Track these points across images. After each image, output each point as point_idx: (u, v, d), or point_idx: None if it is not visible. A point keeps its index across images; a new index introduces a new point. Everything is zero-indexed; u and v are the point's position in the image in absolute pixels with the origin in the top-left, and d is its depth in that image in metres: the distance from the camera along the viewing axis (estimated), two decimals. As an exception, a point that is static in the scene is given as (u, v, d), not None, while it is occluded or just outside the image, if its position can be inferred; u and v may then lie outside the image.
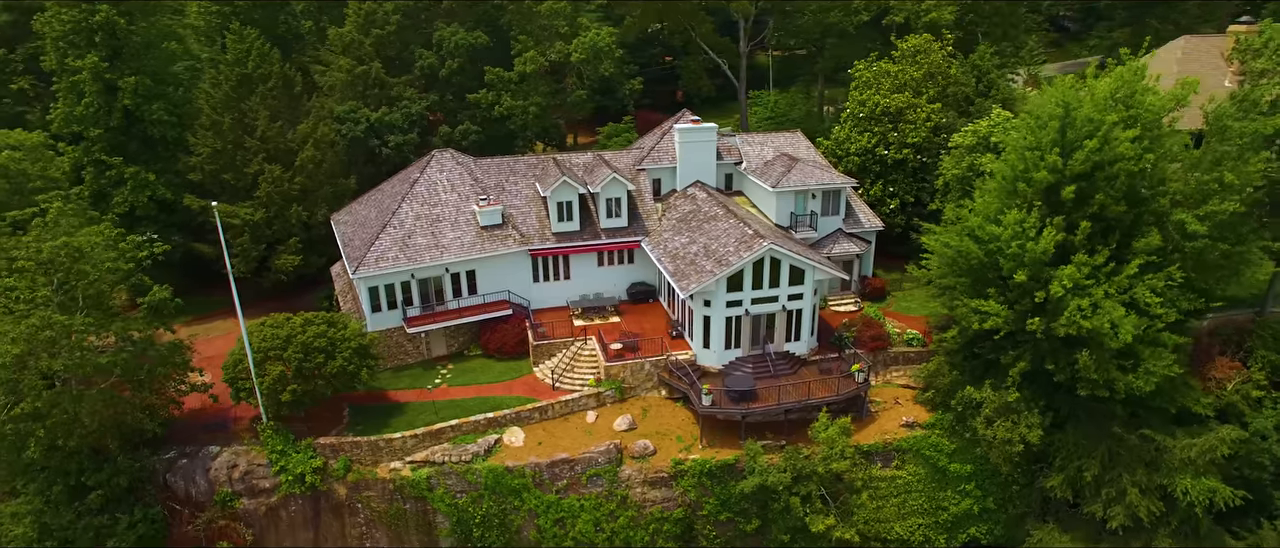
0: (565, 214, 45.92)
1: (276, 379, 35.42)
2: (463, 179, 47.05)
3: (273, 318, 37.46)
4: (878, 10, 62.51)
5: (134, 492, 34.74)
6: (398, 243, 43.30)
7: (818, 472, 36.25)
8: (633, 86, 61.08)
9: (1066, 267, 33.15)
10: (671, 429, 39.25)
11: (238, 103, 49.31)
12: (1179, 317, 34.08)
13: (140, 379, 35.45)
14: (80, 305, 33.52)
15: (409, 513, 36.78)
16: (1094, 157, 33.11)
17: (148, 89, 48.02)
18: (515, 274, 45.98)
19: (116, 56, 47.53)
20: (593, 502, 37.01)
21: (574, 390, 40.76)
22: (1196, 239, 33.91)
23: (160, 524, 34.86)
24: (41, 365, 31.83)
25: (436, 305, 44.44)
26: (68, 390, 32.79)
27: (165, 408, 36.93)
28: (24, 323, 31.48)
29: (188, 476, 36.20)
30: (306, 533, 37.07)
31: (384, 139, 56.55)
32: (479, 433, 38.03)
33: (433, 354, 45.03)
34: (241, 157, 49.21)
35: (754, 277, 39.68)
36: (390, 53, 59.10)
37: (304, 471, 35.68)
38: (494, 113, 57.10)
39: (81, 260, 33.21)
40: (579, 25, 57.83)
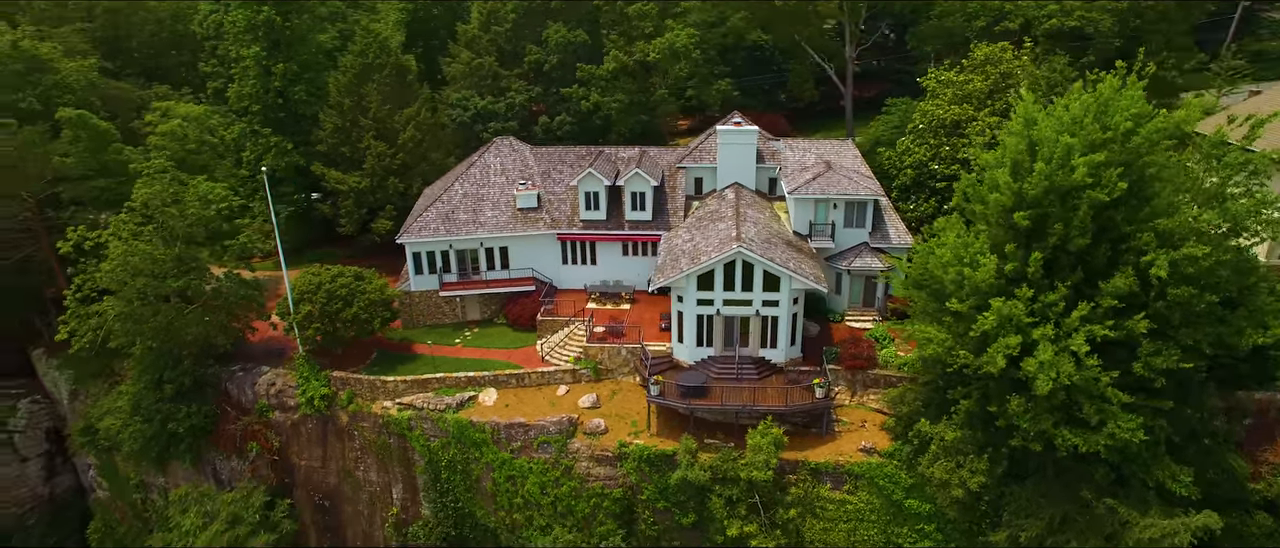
0: (592, 203, 49.28)
1: (304, 318, 43.01)
2: (514, 164, 52.18)
3: (315, 268, 45.25)
4: (994, 15, 57.98)
5: (198, 391, 44.15)
6: (442, 216, 49.47)
7: (739, 477, 36.55)
8: (721, 88, 62.25)
9: (1000, 299, 30.50)
10: (630, 414, 41.37)
11: (357, 88, 58.46)
12: (1147, 374, 29.79)
13: (225, 306, 44.83)
14: (177, 241, 43.20)
15: (393, 447, 42.76)
16: (1046, 182, 30.11)
17: (294, 74, 58.73)
18: (545, 255, 50.29)
19: (275, 47, 58.69)
20: (541, 466, 40.40)
21: (556, 365, 44.25)
22: (1178, 286, 29.43)
23: (211, 419, 44.05)
24: (165, 287, 41.47)
25: (471, 275, 50.08)
26: (176, 306, 42.45)
27: (239, 331, 46.14)
28: (138, 247, 41.59)
29: (241, 386, 45.16)
30: (317, 449, 44.53)
31: (486, 125, 63.41)
32: (460, 389, 43.00)
33: (467, 318, 50.78)
34: (356, 133, 58.36)
35: (726, 278, 40.38)
36: (505, 47, 65.80)
37: (314, 396, 42.98)
38: (581, 107, 61.59)
39: (174, 206, 42.75)
40: (665, 26, 60.25)
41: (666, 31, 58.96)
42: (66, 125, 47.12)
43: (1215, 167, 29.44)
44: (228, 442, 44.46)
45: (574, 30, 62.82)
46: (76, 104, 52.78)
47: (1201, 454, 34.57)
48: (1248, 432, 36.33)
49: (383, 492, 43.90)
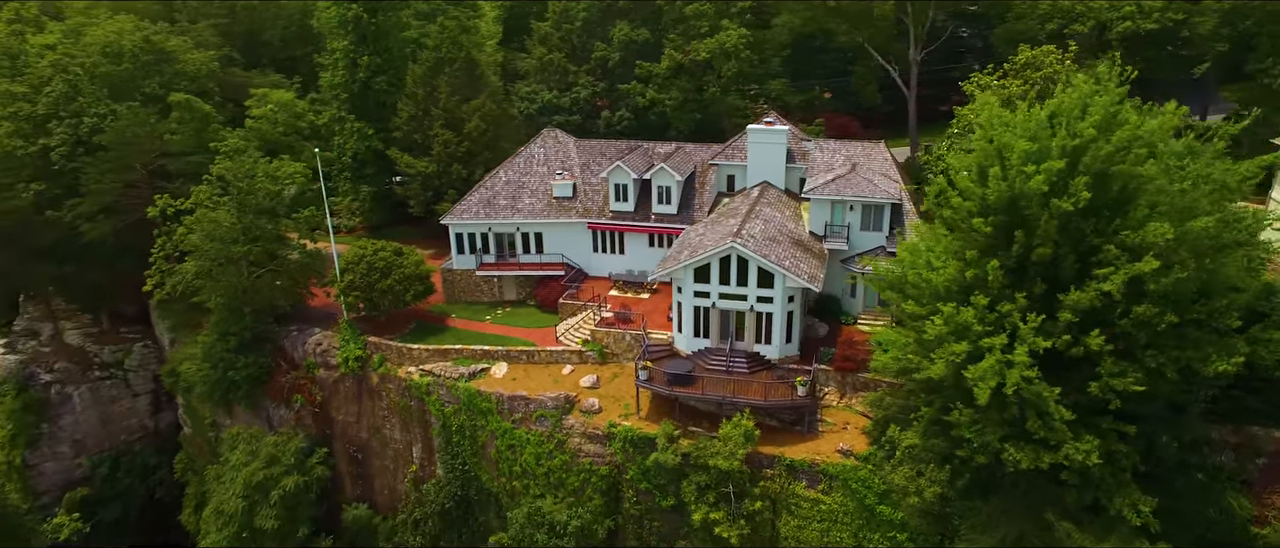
0: (621, 195, 51.53)
1: (346, 286, 47.93)
2: (557, 155, 55.25)
3: (361, 242, 50.10)
4: (1066, 17, 55.19)
5: (257, 345, 50.08)
6: (483, 201, 53.29)
7: (709, 464, 37.73)
8: (776, 88, 62.56)
9: (951, 305, 30.18)
10: (625, 396, 43.32)
11: (430, 79, 63.41)
12: (1102, 395, 28.61)
13: (287, 272, 50.61)
14: (248, 212, 49.20)
15: (414, 409, 46.85)
16: (1006, 188, 29.53)
17: (377, 66, 64.48)
18: (577, 242, 53.05)
19: (362, 41, 64.68)
20: (537, 438, 43.16)
21: (567, 346, 46.85)
22: (1141, 302, 28.10)
23: (266, 371, 49.86)
24: (233, 251, 47.63)
25: (508, 257, 53.59)
26: (244, 268, 48.54)
27: (299, 296, 51.80)
28: (215, 215, 47.92)
29: (294, 343, 50.79)
30: (353, 406, 49.39)
31: (551, 118, 66.95)
32: (475, 360, 46.48)
33: (503, 297, 54.35)
34: (427, 122, 63.33)
35: (722, 273, 41.53)
36: (576, 44, 69.06)
37: (350, 357, 47.80)
38: (638, 103, 63.84)
39: (245, 180, 48.69)
40: (720, 26, 61.19)
41: (722, 31, 59.97)
42: (176, 108, 54.57)
43: (1178, 178, 27.74)
44: (278, 392, 50.18)
45: (638, 29, 65.11)
46: (194, 91, 60.75)
47: (1194, 489, 32.58)
48: (1260, 472, 33.62)
49: (405, 450, 48.15)
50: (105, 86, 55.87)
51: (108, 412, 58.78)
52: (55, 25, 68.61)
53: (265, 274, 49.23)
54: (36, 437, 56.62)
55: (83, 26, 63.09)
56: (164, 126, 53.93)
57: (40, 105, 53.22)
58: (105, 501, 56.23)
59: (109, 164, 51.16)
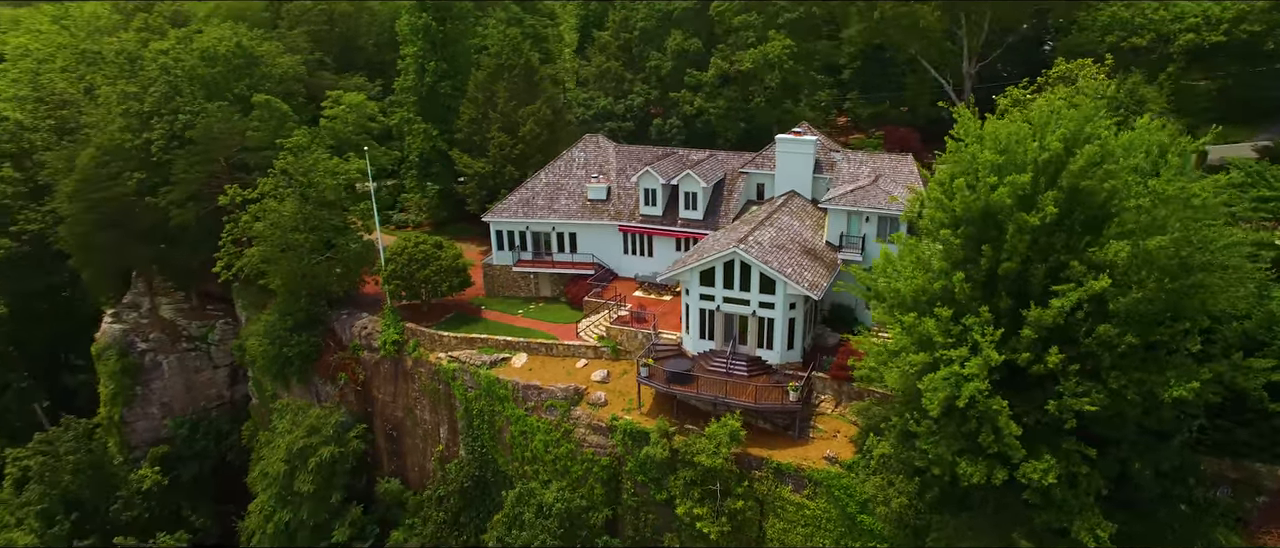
0: (649, 200, 53.66)
1: (389, 274, 52.18)
2: (595, 159, 57.94)
3: (406, 234, 54.26)
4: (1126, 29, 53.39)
5: (310, 325, 55.08)
6: (522, 201, 56.57)
7: (693, 461, 39.30)
8: (822, 98, 62.98)
9: (911, 315, 30.76)
10: (632, 392, 45.34)
11: (490, 84, 67.45)
12: (1059, 415, 28.56)
13: (342, 260, 55.46)
14: (310, 203, 54.27)
15: (441, 392, 50.47)
16: (974, 199, 29.91)
17: (444, 71, 69.16)
18: (609, 244, 55.52)
19: (432, 47, 69.53)
20: (546, 426, 45.84)
21: (584, 341, 49.33)
22: (1104, 321, 27.93)
23: (316, 350, 54.76)
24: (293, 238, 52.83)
25: (543, 255, 56.64)
26: (303, 254, 53.65)
27: (352, 282, 56.51)
28: (285, 204, 53.20)
29: (344, 326, 55.53)
30: (390, 386, 53.57)
31: (604, 124, 69.79)
32: (497, 350, 49.64)
33: (539, 293, 57.40)
34: (485, 125, 67.43)
35: (726, 277, 42.99)
36: (633, 53, 71.70)
37: (388, 340, 51.97)
38: (685, 111, 65.80)
39: (308, 173, 53.74)
40: (767, 36, 62.09)
41: (769, 41, 61.09)
42: (257, 107, 60.67)
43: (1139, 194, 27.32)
44: (326, 370, 54.98)
45: (690, 38, 67.07)
46: (280, 92, 67.14)
47: (1179, 521, 31.73)
48: (1259, 510, 32.25)
49: (433, 430, 51.86)
50: (201, 87, 62.66)
51: (191, 380, 65.72)
52: (175, 32, 77.18)
53: (322, 261, 54.13)
54: (132, 397, 64.05)
55: (193, 34, 70.74)
56: (245, 124, 59.99)
57: (146, 103, 60.35)
58: (184, 459, 62.93)
59: (196, 156, 57.54)
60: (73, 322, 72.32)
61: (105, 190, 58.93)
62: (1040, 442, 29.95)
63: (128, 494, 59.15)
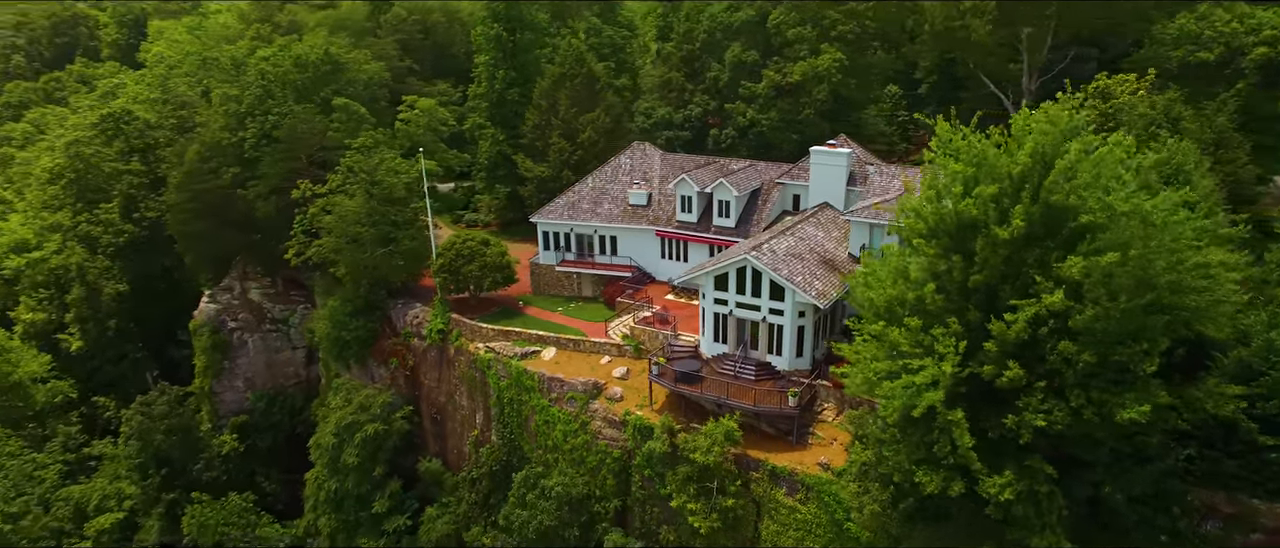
0: (685, 206, 55.82)
1: (438, 268, 56.53)
2: (640, 165, 60.60)
3: (457, 231, 58.49)
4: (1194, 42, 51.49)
5: (368, 312, 60.14)
6: (568, 204, 59.87)
7: (689, 457, 41.15)
8: (877, 111, 63.18)
9: (880, 324, 31.72)
10: (647, 389, 47.60)
11: (554, 92, 71.28)
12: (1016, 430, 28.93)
13: (401, 253, 60.34)
14: (374, 199, 59.41)
15: (478, 380, 54.21)
16: (946, 209, 30.68)
17: (512, 79, 73.65)
18: (647, 248, 58.02)
19: (503, 56, 74.16)
20: (566, 417, 48.71)
21: (611, 339, 51.94)
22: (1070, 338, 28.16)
23: (372, 335, 59.75)
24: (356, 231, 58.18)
25: (586, 256, 59.70)
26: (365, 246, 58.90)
27: (409, 275, 61.30)
28: (356, 200, 58.63)
29: (399, 314, 60.35)
30: (435, 373, 57.84)
31: (662, 132, 72.42)
32: (529, 343, 52.93)
33: (581, 293, 60.48)
34: (547, 131, 71.30)
35: (738, 283, 44.66)
36: (694, 64, 74.02)
37: (434, 329, 56.27)
38: (739, 122, 67.54)
39: (373, 171, 58.88)
40: (820, 49, 62.78)
41: (821, 54, 62.08)
42: (337, 110, 66.76)
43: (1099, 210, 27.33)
44: (380, 354, 59.87)
45: (748, 51, 68.78)
46: (363, 96, 73.35)
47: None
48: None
49: (470, 415, 55.68)
50: (293, 91, 69.40)
51: (272, 359, 72.55)
52: (280, 40, 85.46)
53: (383, 254, 59.07)
54: (220, 370, 71.44)
55: (291, 42, 78.25)
56: (325, 124, 66.09)
57: (244, 105, 67.52)
58: (260, 430, 69.63)
59: (280, 153, 63.96)
60: (182, 301, 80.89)
61: (205, 183, 66.32)
62: (1006, 457, 30.29)
63: (209, 457, 66.14)
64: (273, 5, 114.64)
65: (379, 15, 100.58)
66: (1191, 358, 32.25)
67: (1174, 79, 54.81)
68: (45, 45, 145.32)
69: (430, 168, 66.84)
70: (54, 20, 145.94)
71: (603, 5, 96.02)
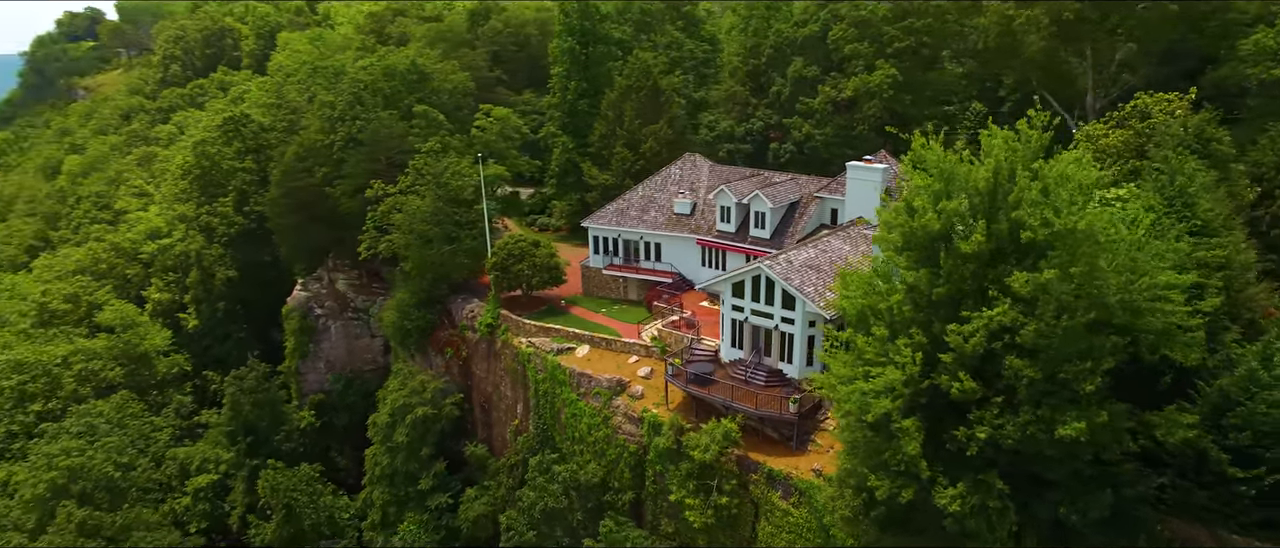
0: (724, 217, 58.17)
1: (492, 266, 61.25)
2: (690, 175, 63.40)
3: (512, 232, 63.07)
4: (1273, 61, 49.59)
5: (429, 304, 65.57)
6: (618, 211, 63.38)
7: (687, 454, 43.56)
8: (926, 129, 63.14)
9: (849, 331, 33.34)
10: (664, 388, 50.25)
11: (620, 104, 75.05)
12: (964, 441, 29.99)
13: (463, 251, 65.61)
14: (440, 200, 64.93)
15: (519, 372, 58.38)
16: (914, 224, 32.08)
17: (583, 90, 78.04)
18: (689, 255, 60.70)
19: (575, 68, 78.67)
20: (590, 411, 52.04)
21: (641, 340, 54.90)
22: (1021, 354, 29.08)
23: (432, 326, 65.08)
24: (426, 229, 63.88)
25: (632, 261, 62.98)
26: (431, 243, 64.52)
27: (470, 272, 66.42)
28: (426, 200, 64.42)
29: (456, 308, 65.51)
30: (485, 364, 62.49)
31: (723, 145, 74.89)
32: (566, 340, 56.62)
33: (627, 296, 63.75)
34: (612, 140, 75.13)
35: (753, 291, 46.77)
36: (761, 79, 76.13)
37: (483, 323, 60.95)
38: (795, 137, 69.18)
39: (439, 174, 64.40)
40: (876, 65, 63.37)
41: (875, 70, 63.03)
42: (417, 116, 73.05)
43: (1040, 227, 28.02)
44: (437, 344, 65.11)
45: (809, 66, 70.35)
46: (445, 105, 79.60)
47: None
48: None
49: (512, 405, 59.91)
50: (382, 98, 76.33)
51: (352, 345, 79.62)
52: (382, 49, 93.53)
53: (448, 251, 64.44)
54: (306, 352, 79.13)
55: (388, 52, 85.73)
56: (406, 128, 72.40)
57: (337, 110, 74.93)
58: (337, 409, 76.62)
59: (363, 156, 70.66)
60: (283, 288, 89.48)
61: (299, 181, 74.02)
62: (967, 471, 31.23)
63: (289, 429, 73.51)
64: (385, 17, 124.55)
65: (477, 28, 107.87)
66: (1176, 385, 32.06)
67: (1253, 97, 52.92)
68: (197, 55, 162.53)
69: (501, 173, 71.96)
70: (205, 32, 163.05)
71: (687, 20, 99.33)
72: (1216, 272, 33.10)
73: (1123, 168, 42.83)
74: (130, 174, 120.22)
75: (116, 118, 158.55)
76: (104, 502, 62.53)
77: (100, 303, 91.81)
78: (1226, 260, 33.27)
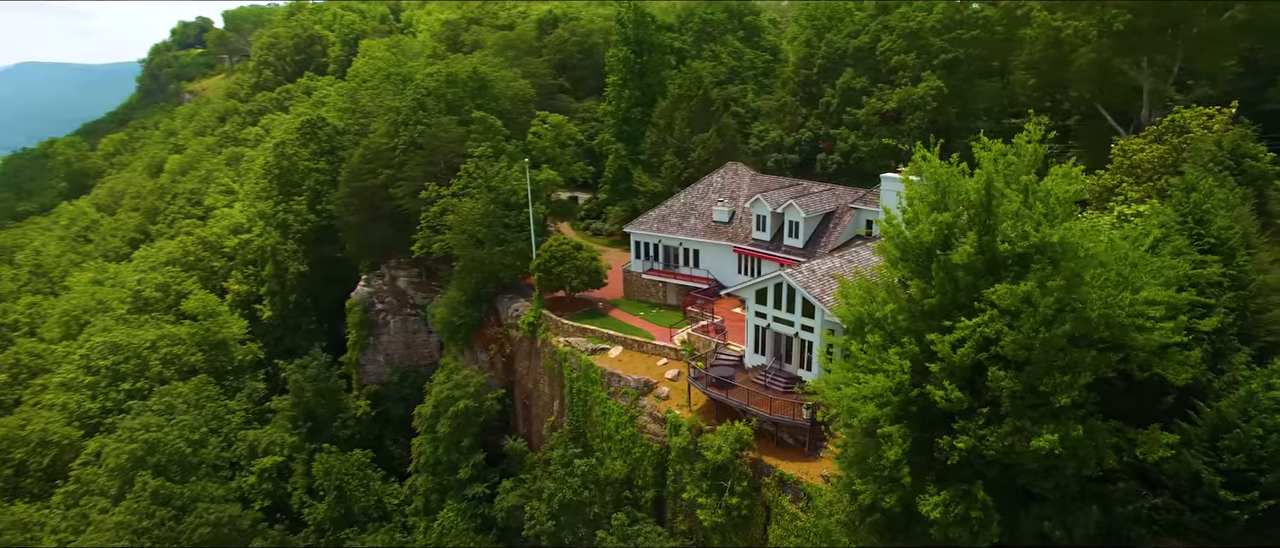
0: (760, 225, 59.42)
1: (536, 267, 64.09)
2: (731, 184, 64.89)
3: (557, 236, 65.81)
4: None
5: (477, 302, 68.87)
6: (659, 218, 65.37)
7: (702, 454, 45.08)
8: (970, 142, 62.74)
9: (845, 337, 34.39)
10: (687, 390, 51.87)
11: (671, 112, 77.05)
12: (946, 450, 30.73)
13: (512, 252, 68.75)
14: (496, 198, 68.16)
15: (556, 370, 60.91)
16: (909, 234, 33.01)
17: (636, 98, 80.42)
18: (725, 263, 62.16)
19: (630, 77, 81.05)
20: (619, 410, 54.08)
21: (671, 344, 56.63)
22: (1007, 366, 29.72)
23: (478, 323, 68.39)
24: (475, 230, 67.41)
25: (672, 267, 64.81)
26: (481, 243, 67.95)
27: (520, 272, 69.50)
28: (480, 202, 67.92)
29: (503, 307, 68.62)
30: (526, 362, 65.30)
31: (771, 155, 75.97)
32: (600, 341, 58.83)
33: (666, 300, 65.63)
34: (663, 148, 77.15)
35: (775, 298, 48.00)
36: (812, 90, 76.92)
37: (525, 322, 63.77)
38: (842, 148, 69.75)
39: (489, 178, 67.70)
40: (923, 77, 63.22)
41: (921, 82, 63.16)
42: (475, 122, 76.78)
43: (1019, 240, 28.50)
44: (483, 341, 68.30)
45: (857, 77, 70.84)
46: (509, 111, 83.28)
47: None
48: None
49: (549, 402, 62.48)
50: (444, 104, 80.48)
51: (410, 339, 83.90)
52: (452, 57, 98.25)
53: (498, 252, 67.67)
54: (366, 345, 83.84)
55: (455, 59, 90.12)
56: (464, 133, 76.18)
57: (402, 114, 79.40)
58: (392, 400, 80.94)
59: (423, 159, 74.72)
60: (349, 283, 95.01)
61: (364, 181, 78.72)
62: (956, 481, 31.88)
63: (346, 417, 78.10)
64: (460, 25, 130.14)
65: (544, 36, 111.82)
66: (1178, 405, 31.91)
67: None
68: (288, 61, 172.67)
69: (553, 178, 75.02)
70: (296, 39, 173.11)
71: (749, 30, 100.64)
72: (1228, 291, 32.78)
73: (1155, 184, 42.32)
74: (219, 173, 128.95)
75: (213, 120, 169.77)
76: (176, 474, 67.99)
77: (186, 292, 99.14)
78: (1239, 280, 32.85)
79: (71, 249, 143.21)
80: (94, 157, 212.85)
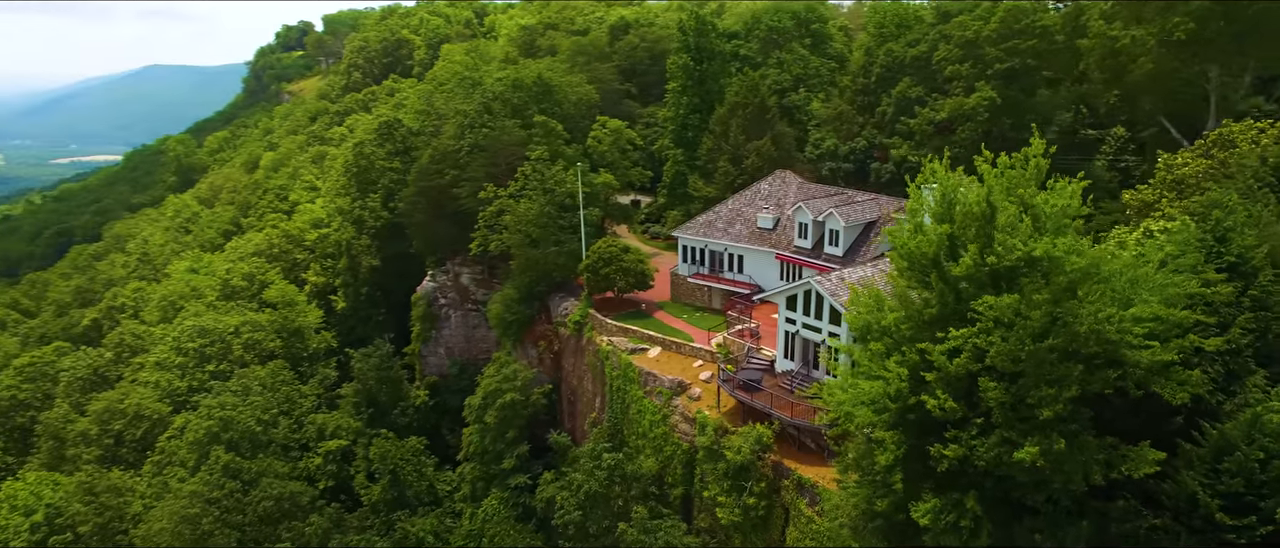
0: (802, 233, 60.45)
1: (585, 268, 66.72)
2: (778, 191, 66.06)
3: (608, 238, 68.27)
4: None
5: (530, 300, 71.96)
6: (705, 223, 67.08)
7: (723, 454, 46.62)
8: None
9: (851, 345, 35.51)
10: (716, 392, 53.41)
11: (727, 119, 78.57)
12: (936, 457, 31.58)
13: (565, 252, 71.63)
14: (552, 200, 71.22)
15: (598, 368, 63.34)
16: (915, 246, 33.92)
17: (695, 105, 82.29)
18: (768, 268, 63.41)
19: (689, 83, 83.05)
20: (652, 408, 56.08)
21: (708, 346, 58.26)
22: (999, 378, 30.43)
23: (529, 320, 71.51)
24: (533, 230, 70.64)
25: (717, 271, 66.40)
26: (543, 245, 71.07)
27: (572, 272, 72.29)
28: (538, 203, 71.15)
29: (554, 305, 71.51)
30: (572, 359, 67.95)
31: (827, 164, 76.61)
32: (641, 341, 60.94)
33: (711, 304, 67.24)
34: (718, 154, 78.74)
35: (804, 305, 49.18)
36: (869, 99, 77.22)
37: (572, 320, 66.43)
38: (893, 157, 69.95)
39: (545, 181, 70.72)
40: (976, 86, 62.69)
41: (974, 92, 62.96)
42: (536, 126, 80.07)
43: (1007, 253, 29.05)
44: (533, 337, 71.28)
45: (913, 86, 70.90)
46: (565, 116, 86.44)
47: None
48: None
49: (592, 399, 64.93)
50: (509, 107, 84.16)
51: (471, 334, 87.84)
52: (524, 60, 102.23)
53: (552, 252, 70.66)
54: (428, 337, 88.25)
55: (526, 64, 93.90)
56: (526, 137, 79.56)
57: (469, 117, 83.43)
58: (450, 391, 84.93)
59: (485, 160, 78.44)
60: (417, 278, 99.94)
61: (431, 181, 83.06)
62: (952, 489, 32.64)
63: (406, 405, 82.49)
64: (537, 30, 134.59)
65: (615, 42, 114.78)
66: (1186, 426, 31.78)
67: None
68: (376, 64, 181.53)
69: (610, 182, 77.49)
70: (384, 43, 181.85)
71: (816, 37, 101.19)
72: (1248, 311, 32.43)
73: (1198, 199, 41.65)
74: (305, 170, 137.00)
75: (305, 119, 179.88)
76: (246, 450, 73.46)
77: (269, 282, 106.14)
78: (1261, 300, 32.46)
79: (174, 239, 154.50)
80: (201, 153, 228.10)
